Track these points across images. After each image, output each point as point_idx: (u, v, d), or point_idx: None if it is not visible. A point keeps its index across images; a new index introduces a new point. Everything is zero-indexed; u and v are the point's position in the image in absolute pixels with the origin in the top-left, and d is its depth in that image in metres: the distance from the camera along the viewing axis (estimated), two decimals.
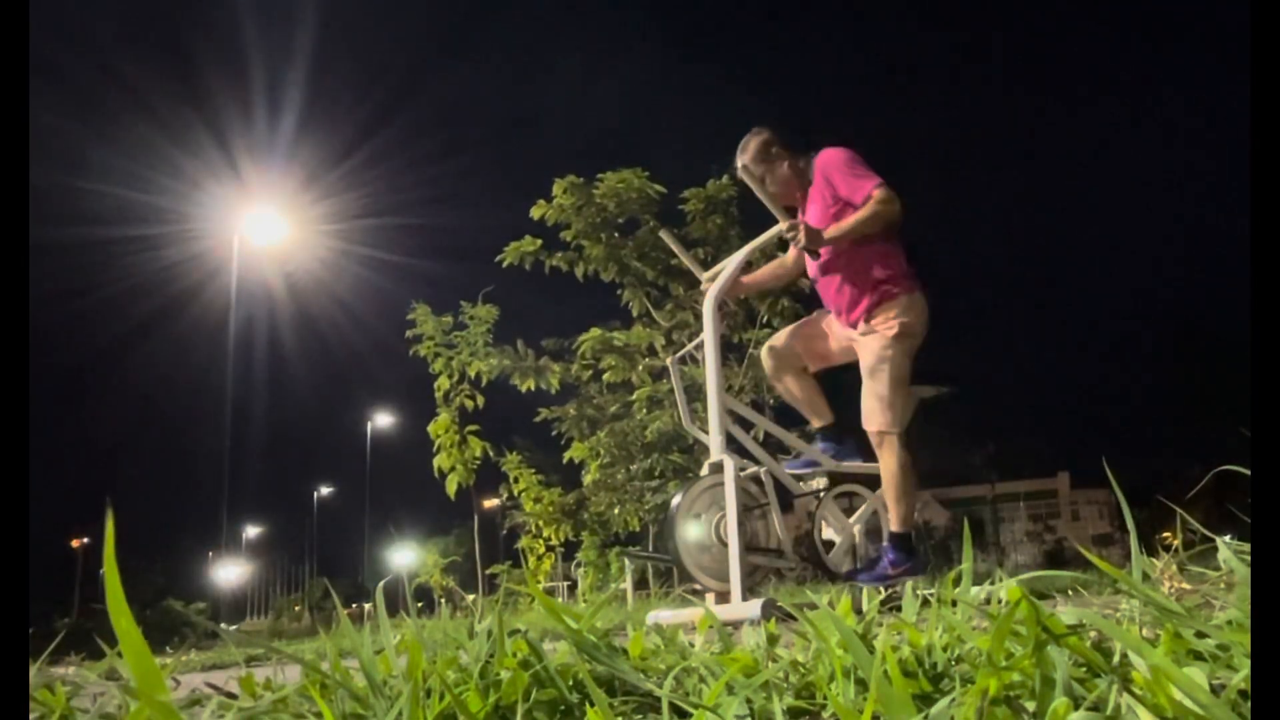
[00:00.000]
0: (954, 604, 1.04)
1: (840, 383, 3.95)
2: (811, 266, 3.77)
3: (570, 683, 0.95)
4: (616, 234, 9.00)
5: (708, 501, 3.44)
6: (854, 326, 3.66)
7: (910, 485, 3.54)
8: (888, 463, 3.52)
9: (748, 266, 3.92)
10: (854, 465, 3.76)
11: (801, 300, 8.32)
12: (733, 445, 3.53)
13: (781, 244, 3.95)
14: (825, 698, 0.86)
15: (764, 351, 3.92)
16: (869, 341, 3.58)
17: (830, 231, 3.50)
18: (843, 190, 3.57)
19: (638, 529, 9.55)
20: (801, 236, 3.46)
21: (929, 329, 3.63)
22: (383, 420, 40.05)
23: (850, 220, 3.49)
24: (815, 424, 3.89)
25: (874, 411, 3.53)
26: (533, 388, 8.98)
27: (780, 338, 3.92)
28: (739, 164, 3.74)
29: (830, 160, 3.62)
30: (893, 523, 3.52)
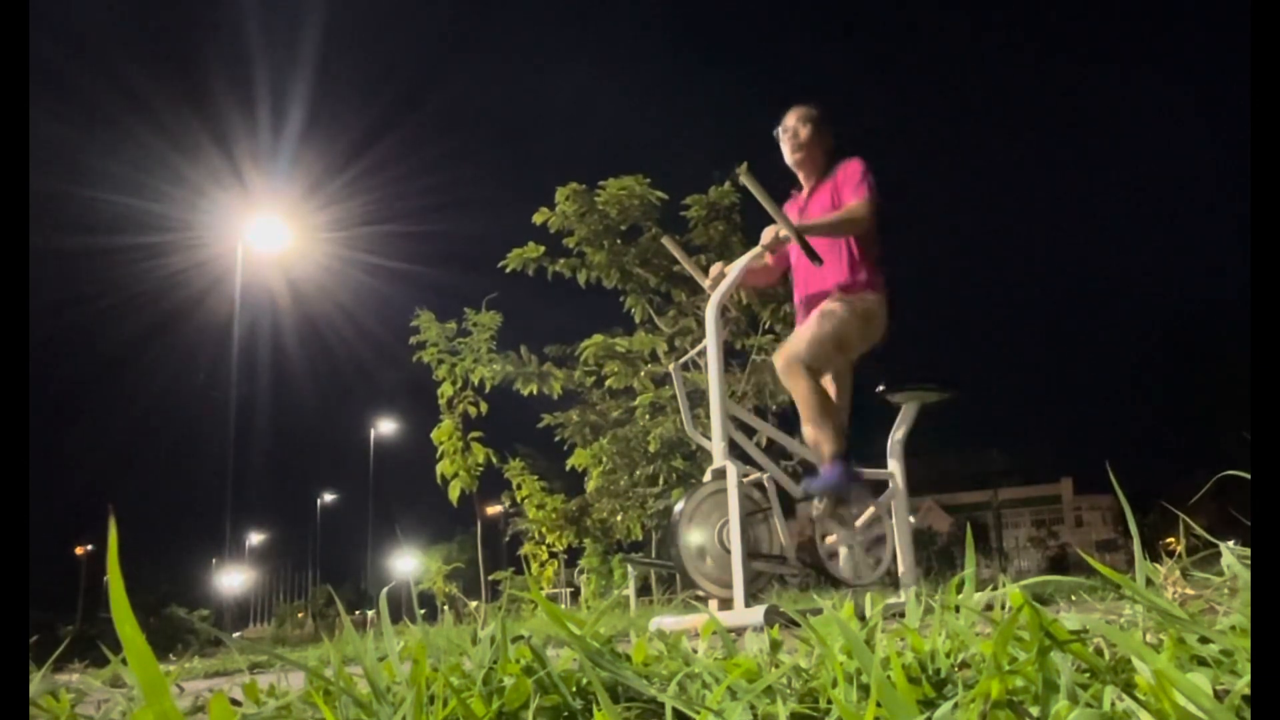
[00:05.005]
0: (957, 610, 1.04)
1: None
2: (795, 257, 3.95)
3: (574, 689, 0.95)
4: (619, 241, 9.00)
5: (710, 508, 3.44)
6: (817, 305, 3.81)
7: (827, 409, 3.62)
8: (799, 389, 3.60)
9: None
10: (866, 470, 3.78)
11: None
12: (735, 451, 3.53)
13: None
14: (829, 702, 0.86)
15: None
16: (833, 305, 3.73)
17: (805, 223, 3.69)
18: (844, 195, 3.79)
19: (640, 536, 9.54)
20: (786, 232, 3.60)
21: (887, 337, 3.85)
22: (386, 427, 40.10)
23: (827, 218, 3.73)
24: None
25: (800, 343, 3.64)
26: (535, 393, 8.98)
27: None
28: (783, 127, 3.99)
29: (850, 167, 3.85)
30: (824, 446, 3.58)
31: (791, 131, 3.97)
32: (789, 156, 3.99)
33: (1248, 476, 0.89)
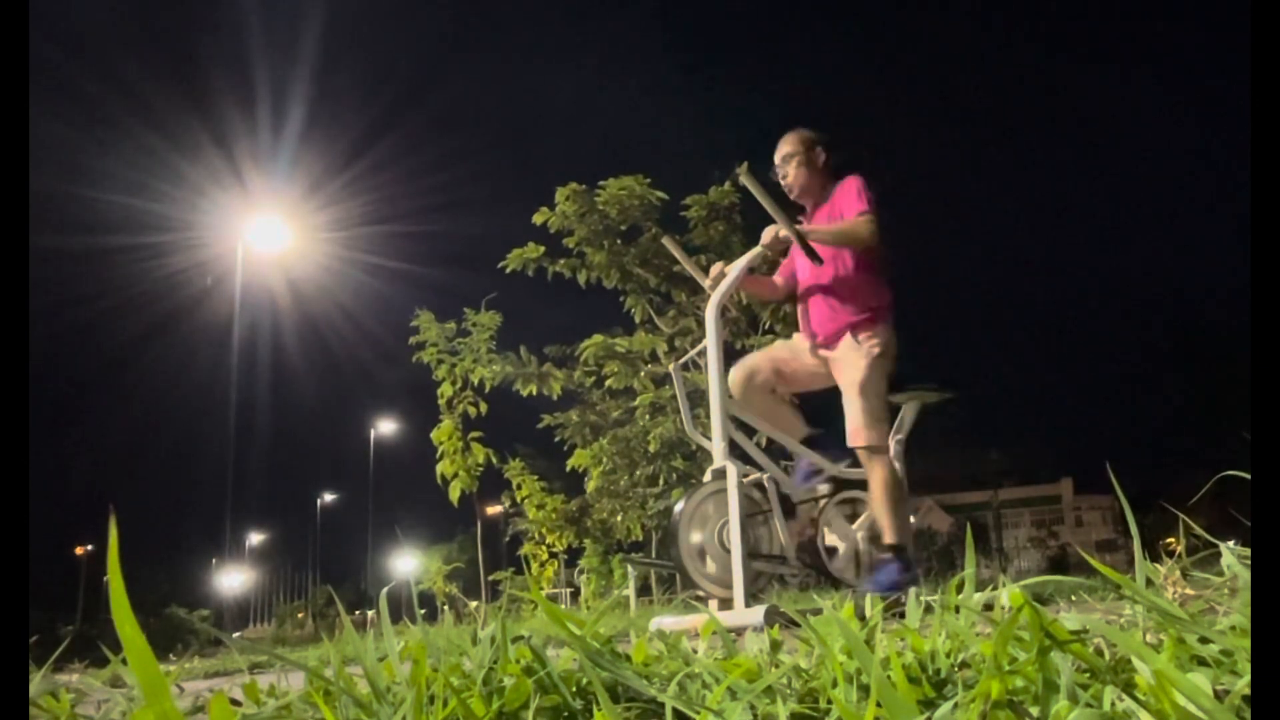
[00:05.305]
0: (957, 610, 1.04)
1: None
2: (803, 278, 3.88)
3: (574, 689, 0.95)
4: (619, 241, 9.00)
5: (710, 508, 3.44)
6: (830, 346, 3.75)
7: (902, 497, 3.58)
8: (879, 476, 3.54)
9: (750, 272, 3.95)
10: (856, 471, 3.76)
11: None
12: (735, 451, 3.53)
13: (771, 265, 4.06)
14: (829, 703, 0.86)
15: (734, 374, 3.88)
16: (853, 358, 3.65)
17: (809, 228, 3.66)
18: (845, 211, 3.72)
19: (640, 536, 9.54)
20: (786, 232, 3.59)
21: (896, 362, 3.77)
22: (386, 427, 40.06)
23: (831, 227, 3.68)
24: (793, 441, 3.86)
25: (862, 427, 3.57)
26: (535, 393, 8.98)
27: (750, 360, 3.93)
28: (781, 153, 3.93)
29: (846, 185, 3.79)
30: (887, 535, 3.51)
31: (782, 172, 3.92)
32: (788, 193, 3.94)
33: (1248, 476, 0.89)
